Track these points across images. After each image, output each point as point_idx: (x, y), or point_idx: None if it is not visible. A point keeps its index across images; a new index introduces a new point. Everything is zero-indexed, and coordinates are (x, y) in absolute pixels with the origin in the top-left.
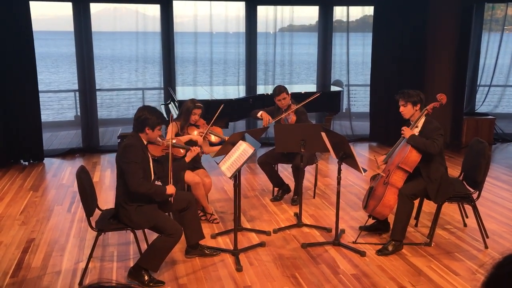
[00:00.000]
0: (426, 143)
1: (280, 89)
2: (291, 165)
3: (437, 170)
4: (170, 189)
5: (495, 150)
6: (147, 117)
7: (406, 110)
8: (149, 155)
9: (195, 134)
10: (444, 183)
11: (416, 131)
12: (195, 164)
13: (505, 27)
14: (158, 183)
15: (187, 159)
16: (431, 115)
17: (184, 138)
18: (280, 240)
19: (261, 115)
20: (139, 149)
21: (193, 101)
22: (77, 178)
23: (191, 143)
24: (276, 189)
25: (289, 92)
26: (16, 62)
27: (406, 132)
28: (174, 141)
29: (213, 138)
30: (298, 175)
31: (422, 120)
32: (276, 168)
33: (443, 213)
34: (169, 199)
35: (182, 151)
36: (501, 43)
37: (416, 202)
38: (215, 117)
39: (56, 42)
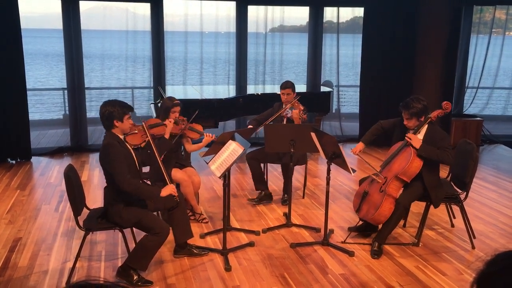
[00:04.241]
0: (440, 154)
1: (286, 84)
2: (280, 164)
3: (438, 177)
4: (166, 190)
5: (482, 152)
6: (110, 111)
7: (411, 123)
8: (130, 148)
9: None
10: (441, 187)
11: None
12: (183, 163)
13: (493, 30)
14: (148, 182)
15: (166, 135)
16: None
17: (154, 120)
18: (269, 240)
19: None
20: (117, 146)
21: (171, 99)
22: (65, 177)
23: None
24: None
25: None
26: (3, 60)
27: (415, 141)
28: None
29: (193, 134)
30: (288, 174)
31: (425, 127)
32: (265, 168)
33: (430, 214)
34: (174, 198)
35: (159, 129)
36: (489, 45)
37: None
38: (193, 117)
39: (44, 40)
